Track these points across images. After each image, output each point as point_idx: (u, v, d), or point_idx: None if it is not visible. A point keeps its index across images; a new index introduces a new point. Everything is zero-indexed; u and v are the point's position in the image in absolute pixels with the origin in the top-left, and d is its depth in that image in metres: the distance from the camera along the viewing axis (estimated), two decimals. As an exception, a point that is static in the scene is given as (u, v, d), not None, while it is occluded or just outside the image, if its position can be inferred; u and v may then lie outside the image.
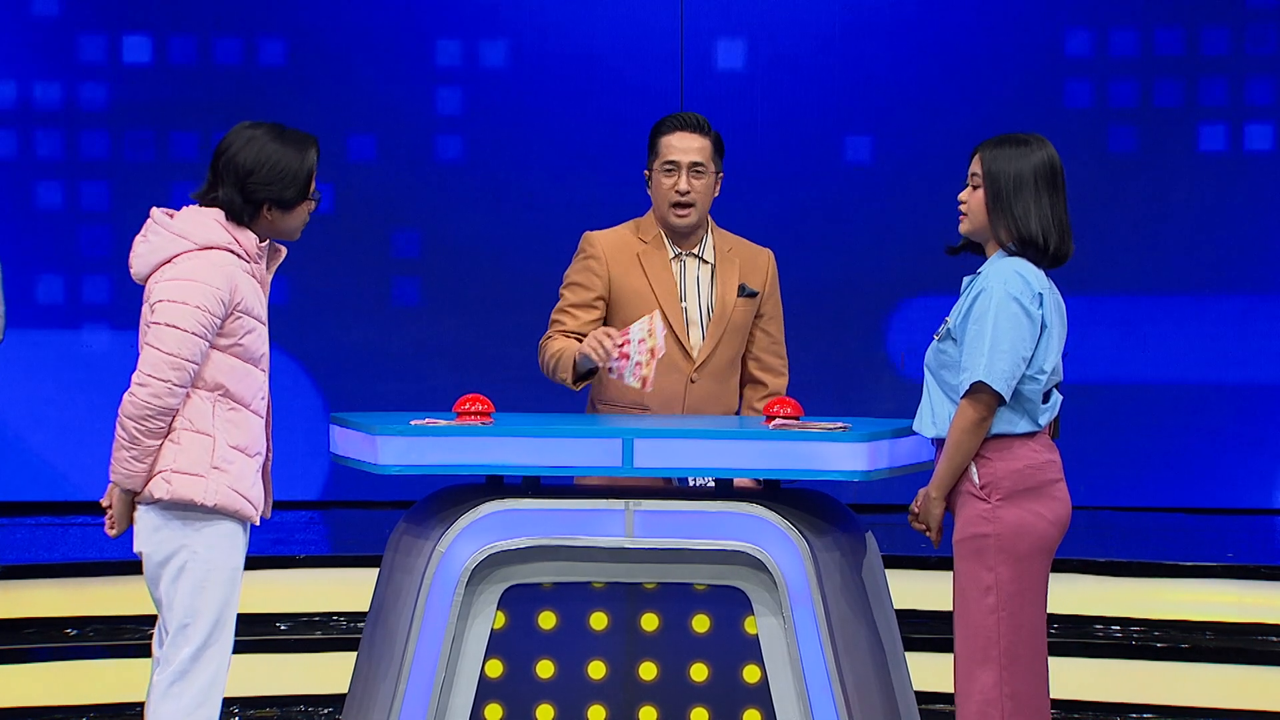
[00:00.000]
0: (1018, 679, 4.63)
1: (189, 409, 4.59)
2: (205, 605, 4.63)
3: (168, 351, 4.52)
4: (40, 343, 9.38)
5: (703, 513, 4.72)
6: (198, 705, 4.63)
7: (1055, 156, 4.69)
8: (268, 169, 4.60)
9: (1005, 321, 4.56)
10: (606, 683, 4.78)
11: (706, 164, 5.36)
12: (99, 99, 9.44)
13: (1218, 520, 9.00)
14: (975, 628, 4.64)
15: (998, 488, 4.61)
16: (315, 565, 7.50)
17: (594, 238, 5.44)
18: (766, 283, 5.49)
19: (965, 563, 4.66)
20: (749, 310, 5.45)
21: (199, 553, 4.62)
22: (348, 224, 9.47)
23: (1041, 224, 4.62)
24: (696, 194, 5.35)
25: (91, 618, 7.07)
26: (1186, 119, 9.34)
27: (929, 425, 4.72)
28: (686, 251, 5.43)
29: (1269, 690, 6.71)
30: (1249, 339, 9.36)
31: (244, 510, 4.64)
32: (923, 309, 9.26)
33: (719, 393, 5.43)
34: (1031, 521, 4.61)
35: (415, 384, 9.42)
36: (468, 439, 4.76)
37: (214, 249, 4.59)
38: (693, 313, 5.40)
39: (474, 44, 9.50)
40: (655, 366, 5.05)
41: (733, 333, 5.42)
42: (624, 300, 5.36)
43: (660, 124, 5.43)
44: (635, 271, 5.37)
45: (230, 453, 4.61)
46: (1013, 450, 4.62)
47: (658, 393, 5.26)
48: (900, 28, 9.39)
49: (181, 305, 4.53)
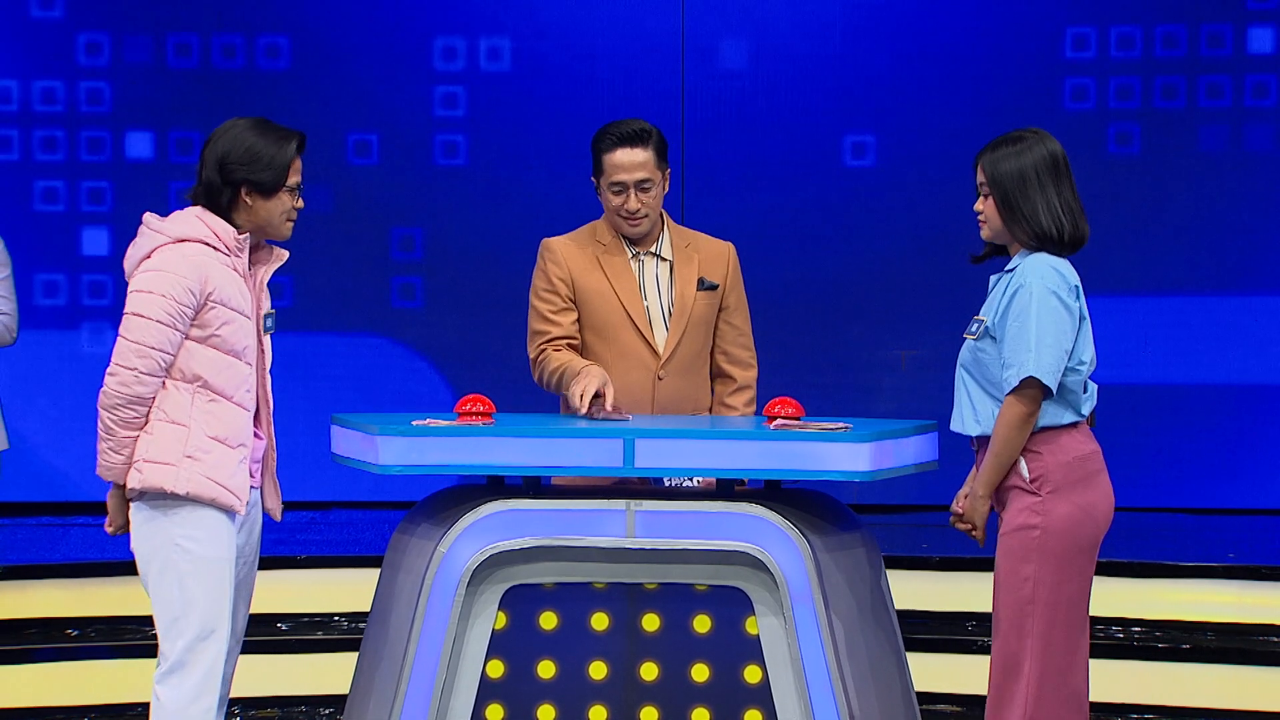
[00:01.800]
0: (1052, 673, 4.64)
1: (165, 400, 4.64)
2: (194, 597, 4.65)
3: (134, 340, 4.60)
4: (40, 343, 9.37)
5: (703, 513, 4.72)
6: (196, 695, 4.65)
7: (1054, 146, 4.73)
8: (244, 150, 4.68)
9: (1047, 316, 4.61)
10: (608, 683, 4.78)
11: (652, 176, 5.37)
12: (99, 99, 9.43)
13: (1218, 520, 9.00)
14: (1013, 621, 4.65)
15: (1048, 480, 4.65)
16: (316, 566, 7.50)
17: (551, 244, 5.48)
18: (728, 275, 5.49)
19: (1009, 556, 4.67)
20: (711, 304, 5.46)
21: (182, 545, 4.65)
22: (348, 224, 9.47)
23: (1052, 216, 4.68)
24: (646, 207, 5.37)
25: (92, 618, 7.08)
26: (1186, 119, 9.34)
27: (972, 424, 4.75)
28: (644, 251, 5.45)
29: (1269, 690, 6.71)
30: (1249, 339, 9.36)
31: (222, 499, 4.66)
32: (923, 309, 9.25)
33: (687, 387, 5.43)
34: (1079, 517, 4.65)
35: (415, 384, 9.42)
36: (468, 439, 4.76)
37: (187, 241, 4.65)
38: (654, 310, 5.42)
39: (474, 44, 9.50)
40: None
41: (696, 326, 5.43)
42: (586, 300, 5.38)
43: (600, 137, 5.44)
44: (596, 272, 5.40)
45: (208, 442, 4.64)
46: (1060, 442, 4.67)
47: (626, 391, 5.29)
48: (900, 27, 9.39)
49: (148, 294, 4.61)
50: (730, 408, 5.46)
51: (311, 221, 9.57)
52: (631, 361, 5.33)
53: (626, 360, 5.35)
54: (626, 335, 5.36)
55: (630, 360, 5.32)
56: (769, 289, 9.35)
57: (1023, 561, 4.65)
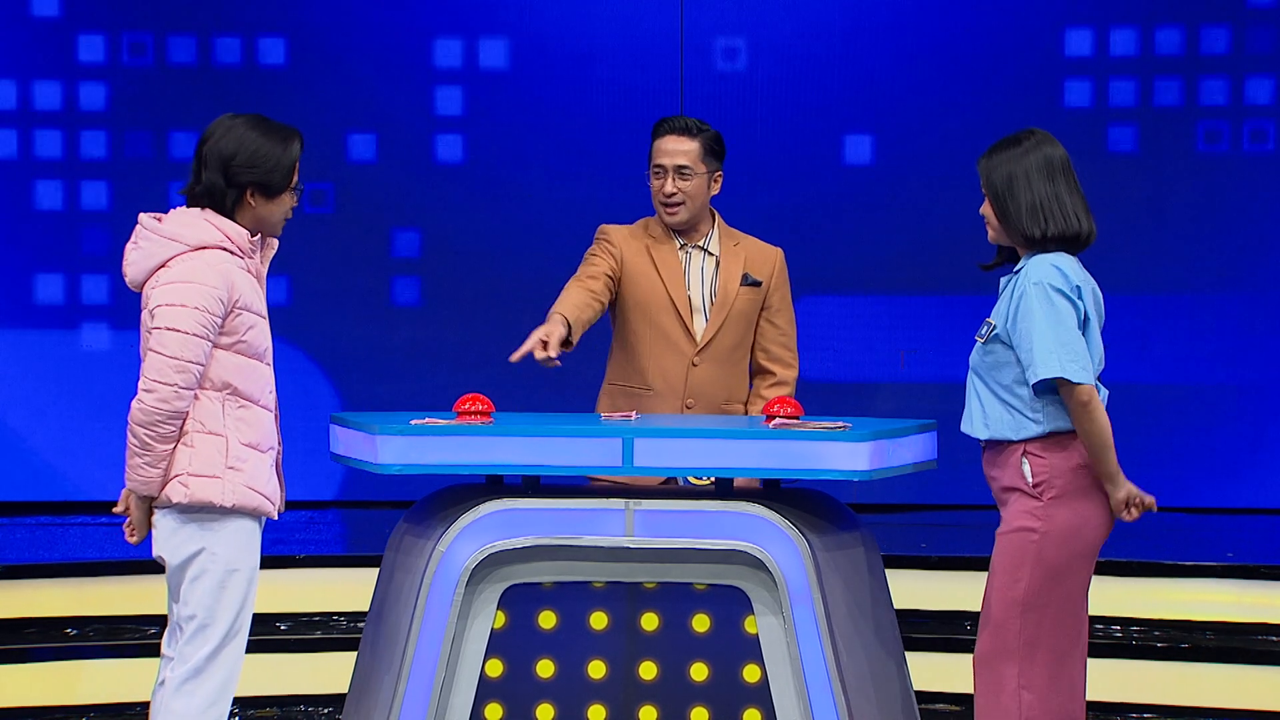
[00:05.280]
0: (1040, 676, 4.63)
1: (199, 410, 4.59)
2: (224, 605, 4.64)
3: (171, 355, 4.52)
4: (40, 343, 9.37)
5: (703, 512, 4.72)
6: (210, 704, 4.63)
7: (1051, 149, 4.72)
8: (249, 153, 4.62)
9: (1055, 315, 4.60)
10: (607, 682, 4.78)
11: (694, 165, 5.52)
12: (99, 99, 9.43)
13: (1218, 520, 9.00)
14: (1000, 621, 4.65)
15: (1051, 485, 4.64)
16: (315, 565, 7.50)
17: (608, 228, 5.65)
18: (773, 276, 5.64)
19: (1004, 555, 4.67)
20: (753, 300, 5.59)
21: (218, 554, 4.62)
22: (348, 224, 9.47)
23: (1035, 217, 4.65)
24: (684, 194, 5.52)
25: (91, 618, 7.07)
26: (1186, 119, 9.34)
27: (980, 427, 4.74)
28: (692, 244, 5.60)
29: (1269, 690, 6.70)
30: (1249, 339, 9.36)
31: (262, 507, 4.65)
32: (923, 308, 9.25)
33: (721, 377, 5.57)
34: (1078, 525, 4.64)
35: (415, 384, 9.42)
36: (468, 439, 4.76)
37: (207, 249, 4.59)
38: (696, 300, 5.57)
39: (474, 44, 9.50)
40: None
41: (735, 319, 5.57)
42: (632, 280, 5.55)
43: (655, 127, 5.62)
44: (644, 259, 5.57)
45: (244, 450, 4.62)
46: (1065, 448, 4.66)
47: (660, 374, 5.51)
48: (900, 28, 9.39)
49: (180, 308, 4.53)
50: (765, 400, 5.54)
51: (311, 221, 9.62)
52: (669, 345, 5.53)
53: (664, 343, 5.53)
54: (667, 319, 5.53)
55: (668, 343, 5.52)
56: (768, 289, 9.37)
57: (1018, 564, 4.65)
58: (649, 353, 5.52)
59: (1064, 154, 4.73)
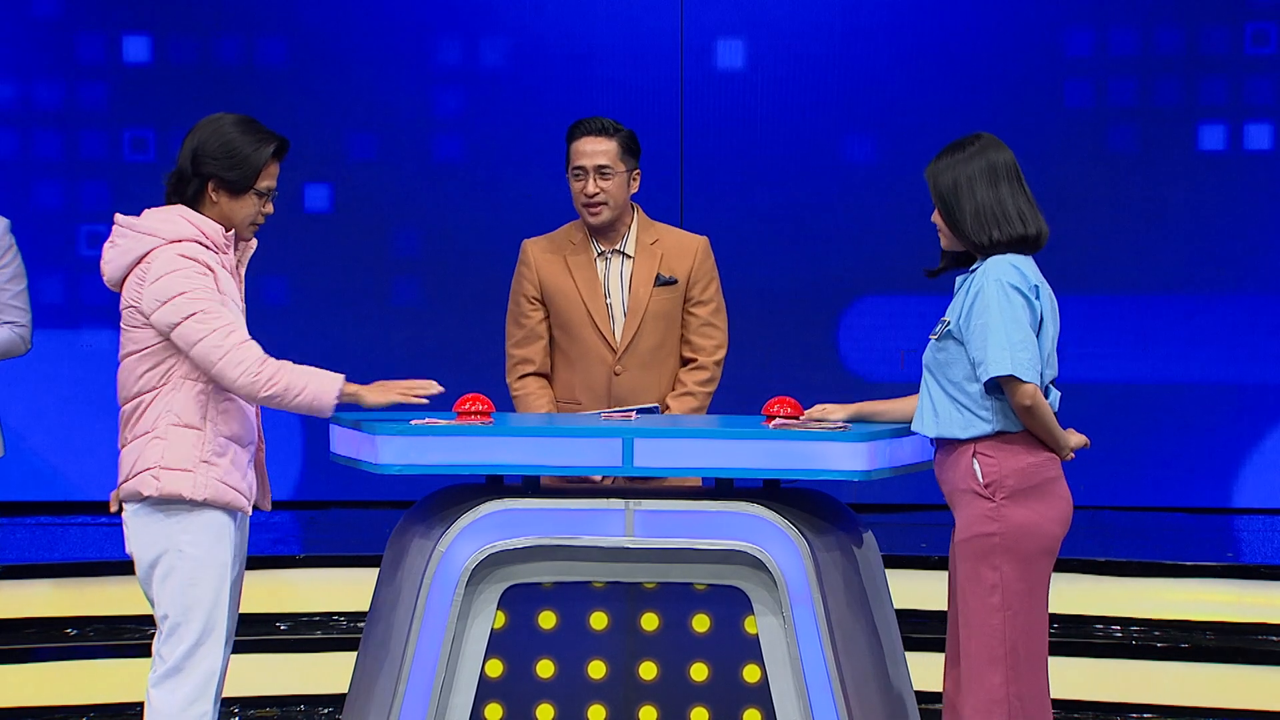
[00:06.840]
0: (1023, 679, 4.63)
1: (176, 403, 4.61)
2: (196, 602, 4.64)
3: (210, 328, 4.55)
4: (40, 343, 9.35)
5: (703, 512, 4.72)
6: (192, 701, 4.64)
7: (996, 153, 4.70)
8: (218, 145, 4.67)
9: (1010, 313, 4.58)
10: (606, 682, 4.78)
11: (613, 164, 5.56)
12: (99, 99, 9.43)
13: (1218, 520, 9.00)
14: (980, 628, 4.64)
15: (1001, 486, 4.61)
16: (315, 565, 7.51)
17: (527, 246, 5.75)
18: (693, 269, 5.64)
19: (968, 563, 4.66)
20: (671, 298, 5.62)
21: (185, 550, 4.63)
22: (348, 224, 9.47)
23: (980, 222, 4.64)
24: (605, 194, 5.56)
25: (91, 618, 7.07)
26: (1186, 119, 9.34)
27: (930, 424, 4.72)
28: (610, 249, 5.63)
29: (1269, 690, 6.71)
30: (1249, 339, 9.36)
31: (235, 502, 4.65)
32: (923, 308, 9.24)
33: (648, 381, 5.61)
34: (1036, 521, 4.62)
35: (414, 384, 9.40)
36: (468, 439, 4.76)
37: (184, 241, 4.62)
38: (616, 308, 5.62)
39: (473, 44, 9.50)
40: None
41: (652, 321, 5.61)
42: (553, 299, 5.63)
43: (571, 129, 5.66)
44: (562, 273, 5.62)
45: (222, 444, 4.63)
46: (1014, 448, 4.63)
47: (586, 387, 5.59)
48: (900, 27, 9.39)
49: (179, 296, 4.57)
50: (682, 383, 5.62)
51: (310, 221, 9.62)
52: (592, 358, 5.58)
53: (587, 357, 5.59)
54: (587, 333, 5.58)
55: (591, 357, 5.58)
56: (768, 288, 9.37)
57: (985, 567, 4.63)
58: (573, 367, 5.60)
59: (1010, 158, 4.71)
